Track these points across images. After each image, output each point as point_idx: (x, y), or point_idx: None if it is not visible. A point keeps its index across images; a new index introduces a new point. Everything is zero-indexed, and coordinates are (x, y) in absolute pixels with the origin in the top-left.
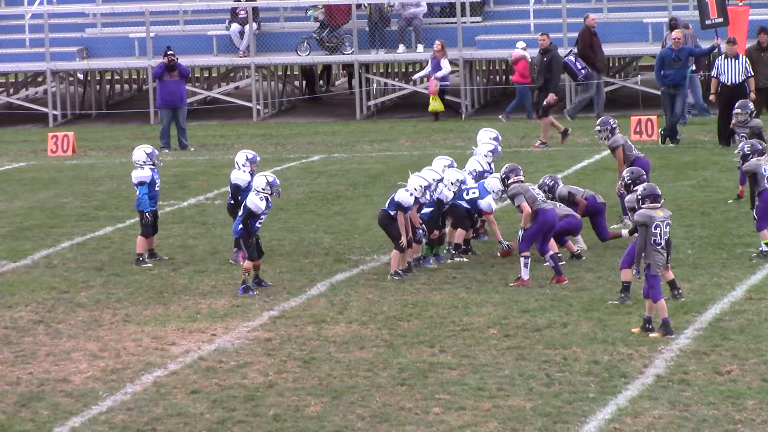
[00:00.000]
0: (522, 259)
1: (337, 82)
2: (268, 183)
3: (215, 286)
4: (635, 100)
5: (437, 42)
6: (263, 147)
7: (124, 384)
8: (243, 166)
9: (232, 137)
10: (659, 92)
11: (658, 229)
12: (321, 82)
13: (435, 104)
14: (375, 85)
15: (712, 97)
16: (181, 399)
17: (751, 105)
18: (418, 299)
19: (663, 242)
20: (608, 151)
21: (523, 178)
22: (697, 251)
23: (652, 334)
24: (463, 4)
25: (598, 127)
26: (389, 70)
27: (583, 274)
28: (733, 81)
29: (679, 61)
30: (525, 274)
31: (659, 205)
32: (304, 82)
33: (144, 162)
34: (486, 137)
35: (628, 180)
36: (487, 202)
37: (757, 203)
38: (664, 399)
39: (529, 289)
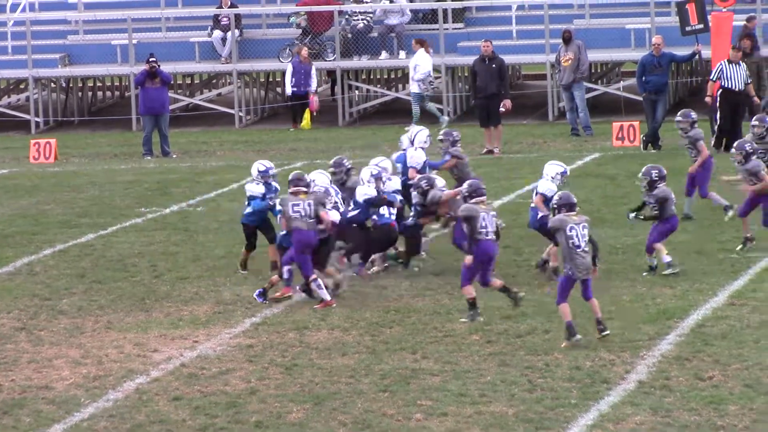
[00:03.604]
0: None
1: (319, 89)
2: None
3: (197, 293)
4: (617, 106)
5: (303, 50)
6: (245, 154)
7: (107, 391)
8: (255, 178)
9: (215, 144)
10: (641, 98)
11: (574, 231)
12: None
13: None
14: (357, 92)
15: (707, 100)
16: (163, 406)
17: None
18: (400, 306)
19: (583, 244)
20: (592, 156)
21: (483, 199)
22: (680, 257)
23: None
24: (445, 11)
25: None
26: (371, 77)
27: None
28: (739, 87)
29: (660, 67)
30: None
31: (574, 213)
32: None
33: (255, 178)
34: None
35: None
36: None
37: None
38: (646, 405)
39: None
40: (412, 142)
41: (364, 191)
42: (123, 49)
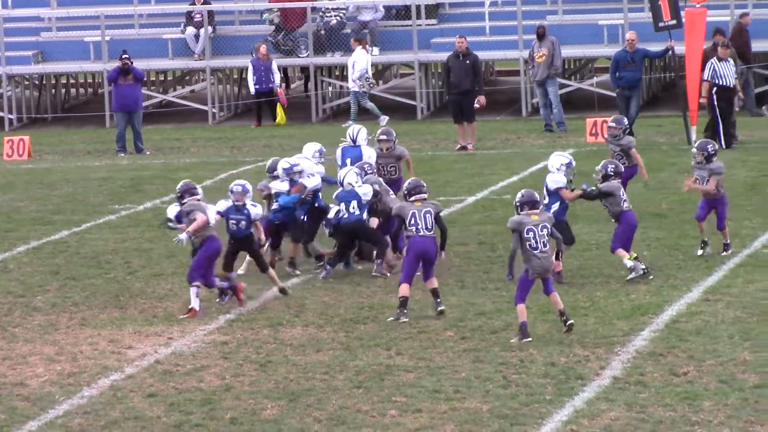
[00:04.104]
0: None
1: (292, 85)
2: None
3: (171, 289)
4: (591, 102)
5: (262, 45)
6: (219, 150)
7: (81, 388)
8: (281, 176)
9: (188, 140)
10: (614, 94)
11: (531, 233)
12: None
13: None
14: (330, 88)
15: (703, 101)
16: (138, 402)
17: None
18: (374, 302)
19: (541, 246)
20: (565, 153)
21: (422, 197)
22: (653, 253)
23: (513, 340)
24: (418, 7)
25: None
26: (345, 74)
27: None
28: (731, 83)
29: (633, 62)
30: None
31: (537, 211)
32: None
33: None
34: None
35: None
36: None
37: None
38: (620, 401)
39: (486, 291)
40: (354, 141)
41: (278, 187)
42: (96, 46)
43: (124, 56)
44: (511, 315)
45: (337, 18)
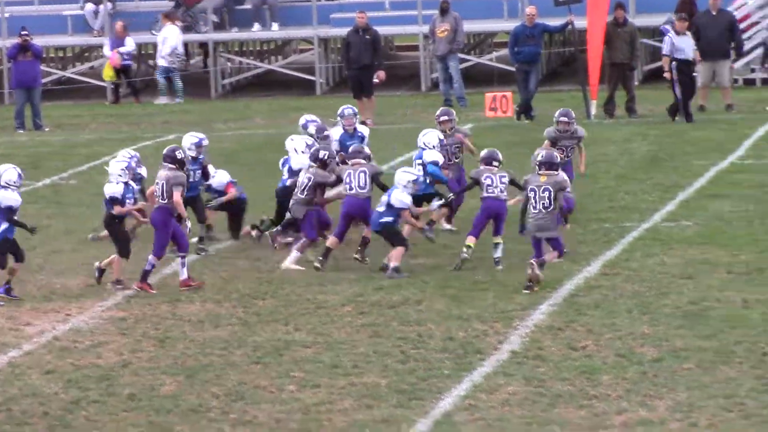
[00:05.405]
0: None
1: (192, 61)
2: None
3: (70, 266)
4: (490, 77)
5: (119, 23)
6: (118, 127)
7: None
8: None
9: (87, 117)
10: (514, 69)
11: (533, 193)
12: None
13: (110, 73)
14: (230, 64)
15: (666, 75)
16: (36, 379)
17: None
18: (272, 277)
19: (540, 207)
20: (465, 127)
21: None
22: None
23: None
24: None
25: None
26: (244, 49)
27: (440, 251)
28: (691, 56)
29: (532, 37)
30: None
31: (551, 172)
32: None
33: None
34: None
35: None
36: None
37: None
38: (519, 375)
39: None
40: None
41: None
42: None
43: (23, 32)
44: (409, 290)
45: None
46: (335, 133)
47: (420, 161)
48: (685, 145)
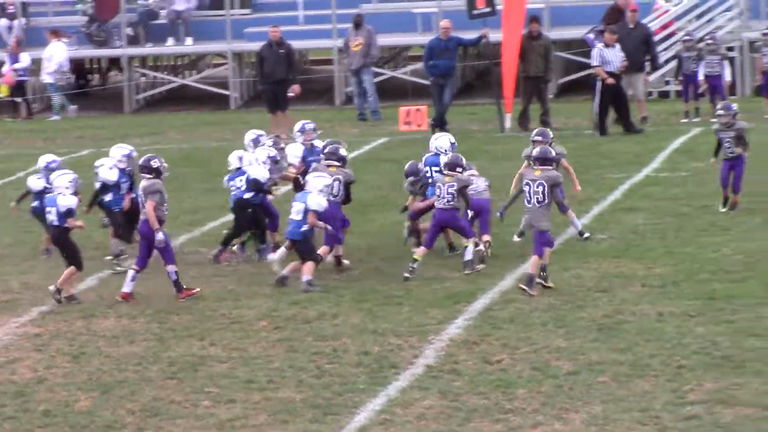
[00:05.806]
0: None
1: (111, 75)
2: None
3: None
4: (404, 91)
5: (13, 38)
6: (32, 142)
7: None
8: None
9: (0, 133)
10: (428, 82)
11: (528, 187)
12: (90, 76)
13: (5, 91)
14: (144, 79)
15: (609, 82)
16: None
17: (734, 106)
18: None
19: (534, 201)
20: (380, 141)
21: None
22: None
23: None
24: None
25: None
26: (158, 64)
27: (357, 265)
28: (617, 69)
29: (447, 51)
30: None
31: (543, 167)
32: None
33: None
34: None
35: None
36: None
37: None
38: (434, 389)
39: (299, 281)
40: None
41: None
42: None
43: None
44: (324, 304)
45: (151, 8)
46: (296, 149)
47: (437, 168)
48: (600, 158)
